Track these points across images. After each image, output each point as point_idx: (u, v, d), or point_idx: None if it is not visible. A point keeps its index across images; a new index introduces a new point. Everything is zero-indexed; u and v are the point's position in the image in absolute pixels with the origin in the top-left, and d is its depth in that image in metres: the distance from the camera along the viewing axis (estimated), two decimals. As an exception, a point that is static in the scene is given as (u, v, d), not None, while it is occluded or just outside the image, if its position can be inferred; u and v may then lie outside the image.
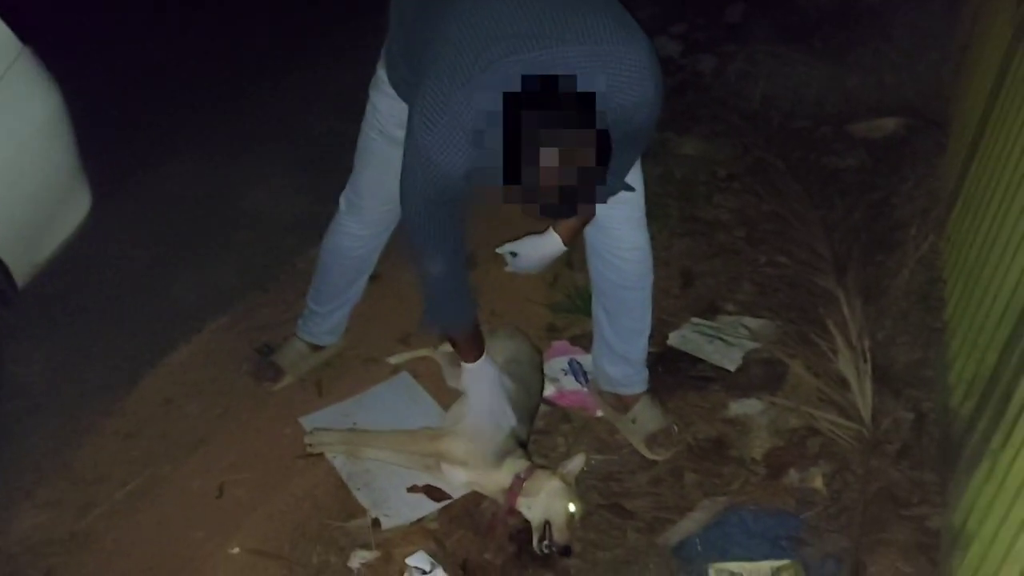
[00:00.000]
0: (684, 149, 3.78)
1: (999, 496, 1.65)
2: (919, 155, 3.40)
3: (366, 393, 2.62)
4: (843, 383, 2.47)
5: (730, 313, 2.84)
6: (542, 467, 2.18)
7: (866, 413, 2.33)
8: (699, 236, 3.23)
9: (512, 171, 1.57)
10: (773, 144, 3.81)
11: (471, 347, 2.16)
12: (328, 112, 3.86)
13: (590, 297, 2.45)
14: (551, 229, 2.06)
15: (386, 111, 2.10)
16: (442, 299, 2.04)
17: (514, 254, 2.16)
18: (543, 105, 1.53)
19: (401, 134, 1.88)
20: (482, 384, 2.20)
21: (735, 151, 3.78)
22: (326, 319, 2.64)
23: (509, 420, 2.21)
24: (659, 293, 2.35)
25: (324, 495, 2.29)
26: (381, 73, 2.09)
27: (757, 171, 3.61)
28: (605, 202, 1.97)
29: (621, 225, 2.17)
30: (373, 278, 2.92)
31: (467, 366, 2.18)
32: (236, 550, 2.15)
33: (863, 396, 2.35)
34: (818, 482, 2.20)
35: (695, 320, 2.81)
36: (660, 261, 2.28)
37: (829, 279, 2.91)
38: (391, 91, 2.05)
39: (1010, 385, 1.75)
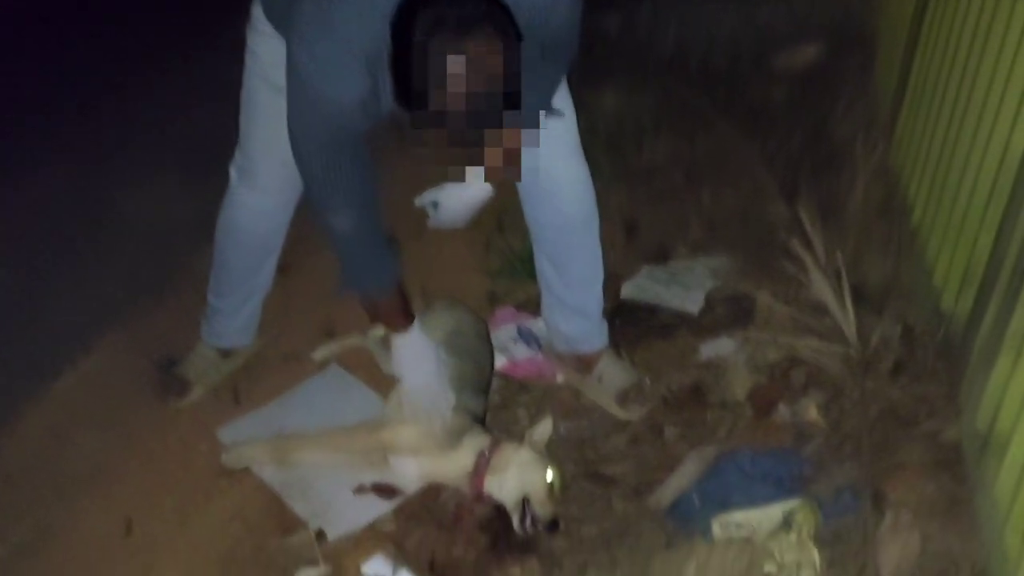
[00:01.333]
0: (604, 103, 3.55)
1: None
2: (846, 75, 3.26)
3: (291, 392, 2.28)
4: (817, 308, 2.26)
5: (683, 256, 2.61)
6: (507, 438, 1.89)
7: (851, 332, 2.11)
8: (635, 184, 3.00)
9: (408, 92, 1.36)
10: (695, 87, 3.64)
11: (397, 314, 1.87)
12: (212, 109, 3.44)
13: (529, 258, 2.18)
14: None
15: (266, 54, 1.80)
16: (357, 258, 1.77)
17: (436, 205, 1.87)
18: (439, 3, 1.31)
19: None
20: (416, 356, 1.90)
21: (657, 98, 3.59)
22: (233, 316, 2.29)
23: (447, 398, 1.91)
24: (604, 246, 2.10)
25: (255, 513, 1.94)
26: (256, 11, 1.80)
27: (683, 114, 3.42)
28: (527, 127, 1.71)
29: (554, 158, 1.90)
30: (283, 269, 2.59)
31: (396, 338, 1.88)
32: (155, 592, 1.79)
33: (845, 315, 2.14)
34: (813, 413, 1.97)
35: (647, 267, 2.56)
36: (599, 215, 2.03)
37: (780, 206, 2.72)
38: (268, 28, 1.76)
39: (1021, 260, 1.55)
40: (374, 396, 2.23)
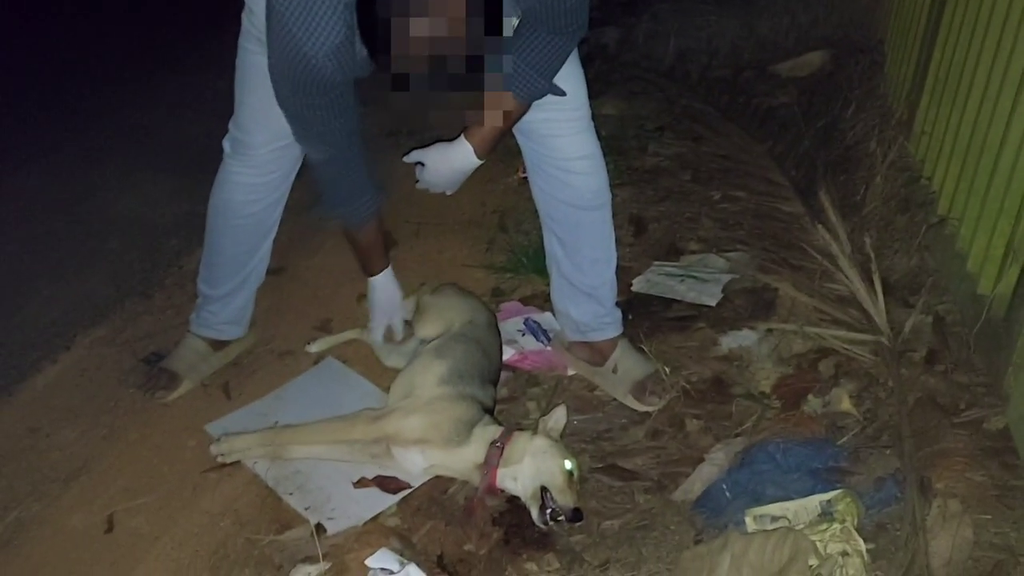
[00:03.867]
0: (604, 110, 3.49)
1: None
2: (854, 80, 3.20)
3: (286, 386, 2.14)
4: (841, 299, 2.16)
5: (695, 252, 2.51)
6: (518, 430, 1.76)
7: (882, 322, 2.00)
8: (642, 184, 2.93)
9: (374, 42, 1.29)
10: (697, 93, 3.60)
11: (372, 252, 1.88)
12: (202, 116, 3.37)
13: (535, 254, 2.08)
14: (462, 137, 1.69)
15: (262, 11, 1.66)
16: (333, 186, 1.71)
17: (422, 166, 1.77)
18: None
19: None
20: (386, 301, 1.96)
21: (659, 105, 3.56)
22: (226, 305, 2.15)
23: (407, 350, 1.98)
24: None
25: (247, 508, 1.79)
26: None
27: (687, 119, 3.38)
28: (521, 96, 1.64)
29: (563, 131, 1.81)
30: (277, 271, 2.50)
31: (370, 280, 1.92)
32: (138, 591, 1.63)
33: (875, 304, 2.03)
34: (846, 403, 1.85)
35: (657, 263, 2.46)
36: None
37: (795, 204, 2.63)
38: None
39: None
40: (374, 388, 2.10)
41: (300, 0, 1.38)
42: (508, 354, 2.13)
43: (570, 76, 1.76)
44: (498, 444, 1.72)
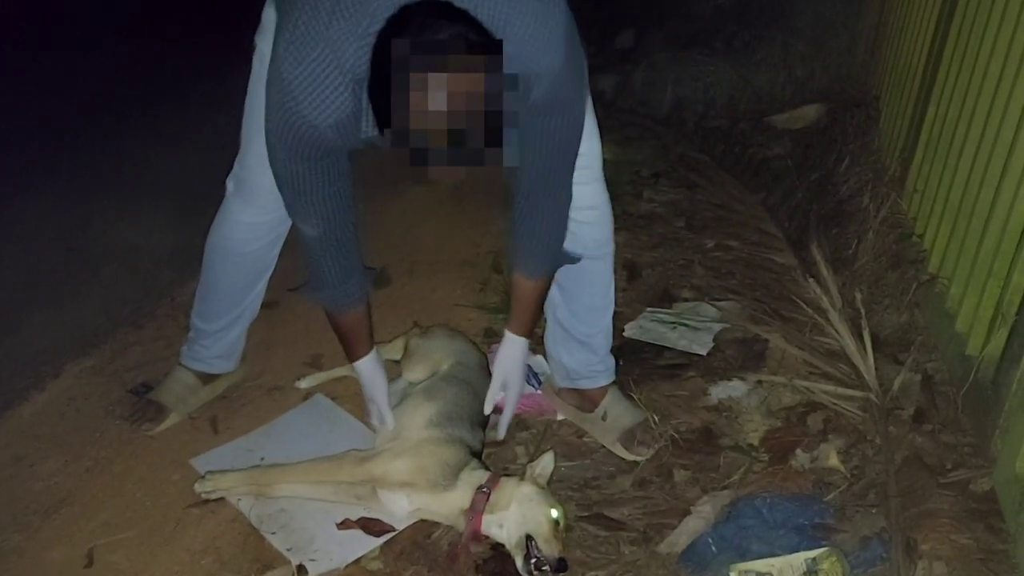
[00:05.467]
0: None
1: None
2: (848, 135, 3.24)
3: (274, 422, 2.13)
4: (832, 353, 2.17)
5: (687, 300, 2.52)
6: (505, 475, 1.76)
7: (871, 378, 2.01)
8: (636, 230, 2.95)
9: (387, 118, 1.30)
10: (693, 142, 3.64)
11: (357, 338, 1.82)
12: (199, 149, 3.40)
13: (529, 295, 2.06)
14: (508, 334, 1.84)
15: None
16: (320, 267, 1.68)
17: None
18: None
19: None
20: (370, 387, 1.87)
21: (655, 152, 3.59)
22: (218, 340, 2.15)
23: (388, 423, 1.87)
24: None
25: (229, 546, 1.78)
26: (268, 12, 1.71)
27: (682, 167, 3.41)
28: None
29: (576, 183, 1.79)
30: (270, 306, 2.49)
31: (355, 365, 1.85)
32: (115, 629, 1.61)
33: (865, 360, 2.04)
34: (833, 459, 1.85)
35: (650, 309, 2.47)
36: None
37: (787, 256, 2.65)
38: None
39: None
40: (362, 427, 2.09)
41: (310, 72, 1.38)
42: (498, 396, 2.12)
43: (585, 127, 1.77)
44: (485, 489, 1.71)
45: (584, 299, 1.97)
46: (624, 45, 4.89)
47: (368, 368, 1.86)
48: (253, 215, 1.95)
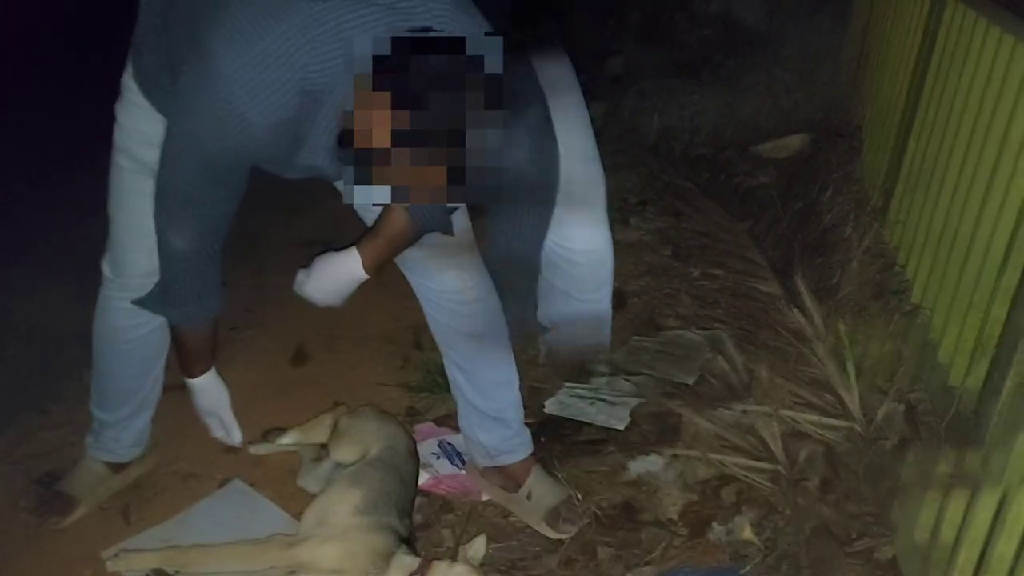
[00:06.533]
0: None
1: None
2: (832, 165, 3.36)
3: (190, 510, 2.08)
4: (816, 383, 2.26)
5: (673, 328, 2.62)
6: (437, 560, 1.77)
7: (855, 408, 2.12)
8: (624, 257, 2.99)
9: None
10: (679, 170, 3.73)
11: (200, 356, 1.80)
12: (100, 218, 3.36)
13: (450, 372, 2.10)
14: (352, 247, 1.66)
15: (132, 127, 1.69)
16: (182, 279, 1.63)
17: (308, 272, 1.72)
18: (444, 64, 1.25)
19: (156, 156, 1.51)
20: (209, 402, 1.87)
21: (642, 179, 3.67)
22: (124, 429, 2.10)
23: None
24: (521, 361, 2.07)
25: (147, 644, 1.72)
26: (126, 79, 1.69)
27: (669, 194, 3.50)
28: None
29: (449, 265, 1.85)
30: (180, 388, 2.44)
31: (193, 383, 1.83)
32: None
33: (849, 390, 2.14)
34: (747, 532, 1.94)
35: (568, 384, 2.54)
36: None
37: (772, 284, 2.76)
38: (139, 98, 1.66)
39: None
40: (283, 513, 2.07)
41: (254, 64, 1.32)
42: (423, 478, 2.14)
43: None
44: (416, 574, 1.71)
45: (488, 375, 2.01)
46: (614, 71, 4.96)
47: (210, 383, 1.84)
48: (132, 298, 1.86)
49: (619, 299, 2.74)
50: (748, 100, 4.08)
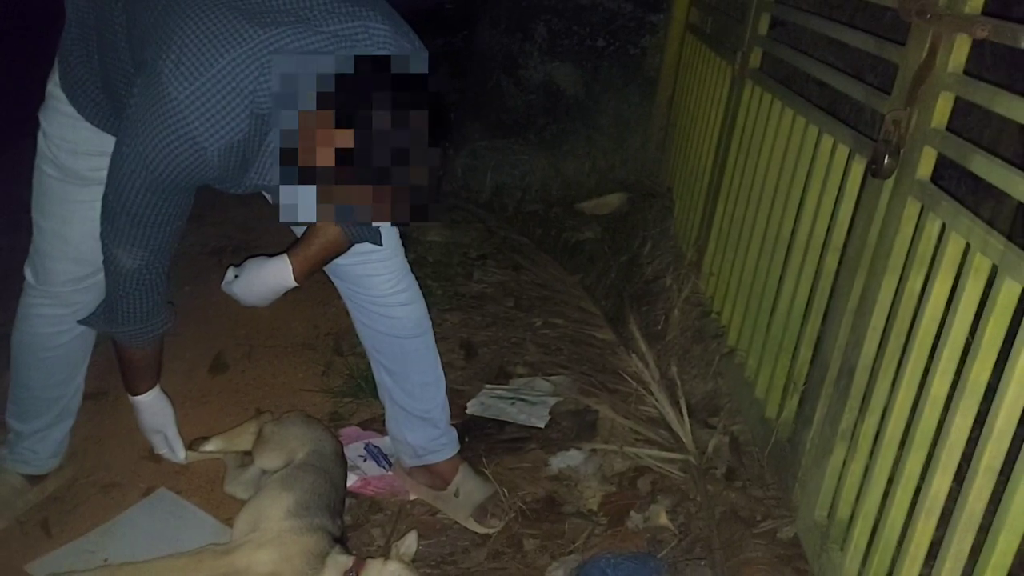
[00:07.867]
0: (430, 236, 3.71)
1: (872, 469, 1.63)
2: (649, 221, 3.60)
3: (115, 520, 2.07)
4: (652, 420, 2.41)
5: (522, 375, 2.71)
6: (369, 558, 1.82)
7: (689, 442, 2.27)
8: (470, 309, 3.11)
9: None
10: (514, 225, 3.89)
11: (146, 374, 1.81)
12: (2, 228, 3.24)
13: (372, 378, 2.15)
14: (284, 254, 1.69)
15: (57, 135, 1.69)
16: (128, 299, 1.62)
17: (236, 274, 1.75)
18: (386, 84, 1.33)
19: (82, 165, 1.57)
20: (153, 419, 1.89)
21: (480, 235, 3.80)
22: (41, 440, 2.07)
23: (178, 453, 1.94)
24: (445, 367, 2.14)
25: (79, 658, 1.70)
26: (52, 87, 1.69)
27: (506, 249, 3.63)
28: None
29: (378, 271, 1.91)
30: (97, 396, 2.42)
31: (138, 400, 1.84)
32: None
33: (683, 426, 2.30)
34: (663, 519, 2.07)
35: (488, 386, 2.63)
36: (438, 336, 2.09)
37: (607, 332, 2.90)
38: (65, 106, 1.66)
39: (846, 360, 1.78)
40: (212, 520, 2.08)
41: (206, 90, 1.34)
42: (351, 480, 2.18)
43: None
44: (351, 573, 1.76)
45: (415, 377, 2.07)
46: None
47: (155, 400, 1.85)
48: (55, 305, 1.88)
49: (469, 349, 2.86)
50: (570, 161, 4.31)
